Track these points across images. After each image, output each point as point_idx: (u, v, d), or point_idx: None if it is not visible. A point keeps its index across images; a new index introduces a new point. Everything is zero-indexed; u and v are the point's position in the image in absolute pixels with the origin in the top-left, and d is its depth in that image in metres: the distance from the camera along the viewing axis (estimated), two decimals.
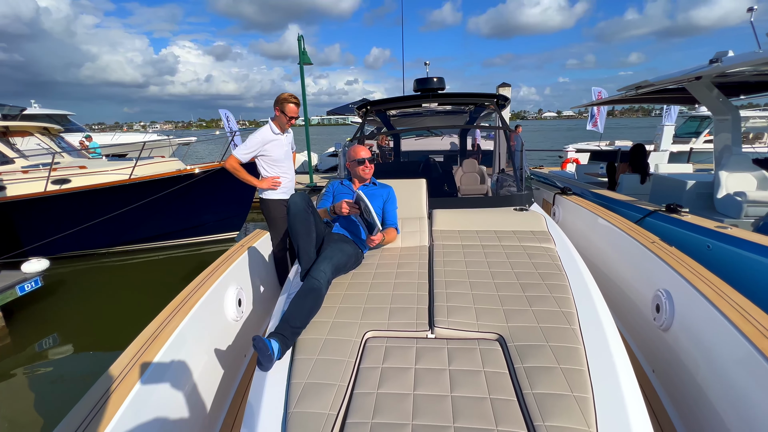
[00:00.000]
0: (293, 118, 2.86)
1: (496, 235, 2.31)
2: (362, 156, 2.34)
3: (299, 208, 1.82)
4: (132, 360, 1.44)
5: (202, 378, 1.73)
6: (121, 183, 6.13)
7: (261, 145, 2.84)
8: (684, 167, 7.16)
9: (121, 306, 5.24)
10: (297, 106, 2.84)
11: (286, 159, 2.99)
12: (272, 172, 2.95)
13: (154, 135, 14.44)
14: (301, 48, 9.15)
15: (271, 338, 1.39)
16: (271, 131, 2.87)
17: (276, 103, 2.84)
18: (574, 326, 1.43)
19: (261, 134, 2.85)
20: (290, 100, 2.80)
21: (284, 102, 2.79)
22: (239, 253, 2.46)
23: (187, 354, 1.65)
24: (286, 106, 2.79)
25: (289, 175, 3.03)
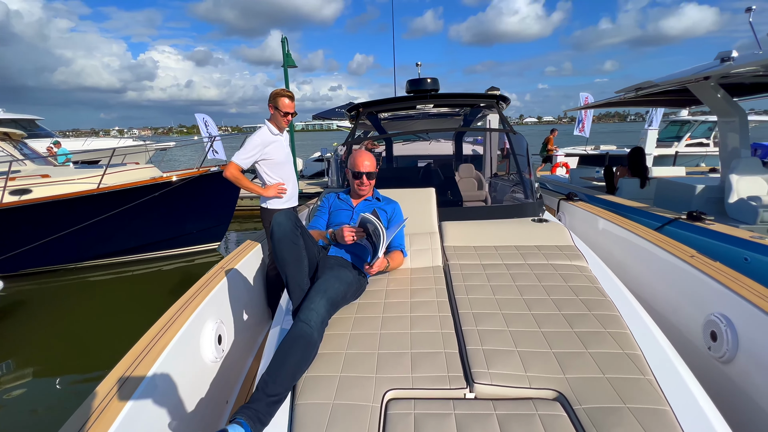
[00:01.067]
0: (289, 114, 2.57)
1: (518, 252, 2.01)
2: (361, 169, 1.97)
3: (285, 230, 1.47)
4: (91, 417, 1.06)
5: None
6: (87, 193, 5.60)
7: (262, 148, 2.53)
8: (677, 170, 7.10)
9: (89, 327, 4.71)
10: (291, 100, 2.56)
11: (288, 162, 2.69)
12: (275, 177, 2.63)
13: (129, 140, 13.71)
14: (285, 50, 8.78)
15: (237, 421, 1.01)
16: (270, 132, 2.58)
17: (269, 100, 2.57)
18: (648, 376, 1.13)
19: (260, 136, 2.55)
20: (283, 94, 2.54)
21: (277, 97, 2.53)
22: (218, 278, 2.07)
23: (154, 409, 1.27)
24: (279, 101, 2.52)
25: (292, 181, 2.73)
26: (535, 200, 2.83)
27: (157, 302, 5.25)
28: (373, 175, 2.00)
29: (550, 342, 1.29)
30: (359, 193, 2.04)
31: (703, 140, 12.73)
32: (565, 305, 1.51)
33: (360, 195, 2.04)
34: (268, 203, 2.65)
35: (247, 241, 2.74)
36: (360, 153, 2.02)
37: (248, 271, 2.46)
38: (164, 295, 5.49)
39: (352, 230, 1.71)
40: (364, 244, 1.81)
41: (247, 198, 9.53)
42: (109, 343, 4.26)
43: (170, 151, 11.87)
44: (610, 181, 5.33)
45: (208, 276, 2.09)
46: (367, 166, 1.97)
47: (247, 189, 2.64)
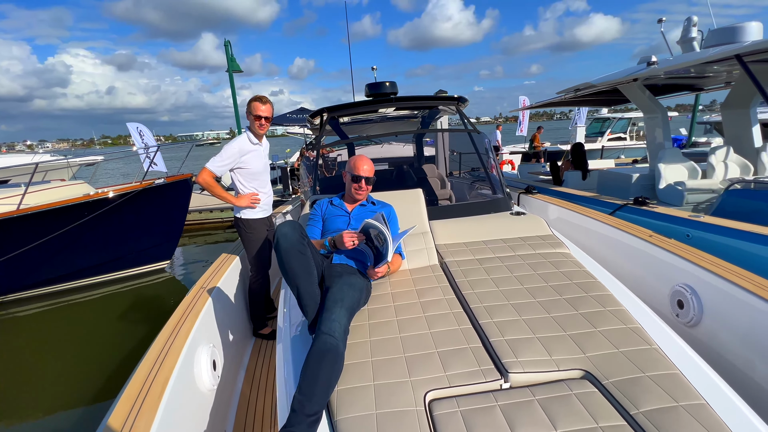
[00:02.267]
0: (262, 117, 2.44)
1: (506, 244, 2.11)
2: (360, 173, 1.94)
3: (292, 241, 1.40)
4: None
5: None
6: (5, 216, 4.86)
7: (239, 156, 2.41)
8: (607, 162, 7.91)
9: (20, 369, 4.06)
10: (264, 103, 2.44)
11: (265, 172, 2.59)
12: (250, 187, 2.51)
13: (47, 155, 12.09)
14: (229, 54, 8.36)
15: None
16: (249, 141, 2.47)
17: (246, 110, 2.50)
18: (653, 346, 1.25)
19: (238, 144, 2.43)
20: (254, 98, 2.44)
21: (250, 103, 2.45)
22: (202, 298, 1.91)
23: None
24: (252, 106, 2.43)
25: (266, 190, 2.62)
26: (506, 195, 2.98)
27: (102, 332, 4.70)
28: (372, 180, 1.98)
29: (562, 325, 1.37)
30: (355, 198, 2.00)
31: (621, 134, 14.35)
32: (564, 290, 1.61)
33: (356, 199, 2.01)
34: (242, 213, 2.53)
35: (223, 254, 2.57)
36: (360, 157, 1.99)
37: (230, 286, 2.31)
38: (110, 324, 4.92)
39: (353, 235, 1.67)
40: (362, 248, 1.78)
41: (195, 211, 8.89)
42: (39, 383, 3.73)
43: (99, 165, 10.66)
44: (556, 174, 5.79)
45: (191, 297, 1.93)
46: (367, 171, 1.95)
47: (220, 197, 2.48)
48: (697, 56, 3.42)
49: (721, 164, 4.10)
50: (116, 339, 4.51)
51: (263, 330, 2.69)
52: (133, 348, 4.22)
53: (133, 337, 4.50)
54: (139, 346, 4.25)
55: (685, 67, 3.61)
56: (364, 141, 10.99)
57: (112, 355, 4.09)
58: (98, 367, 3.87)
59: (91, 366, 3.93)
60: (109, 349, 4.26)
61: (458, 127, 6.84)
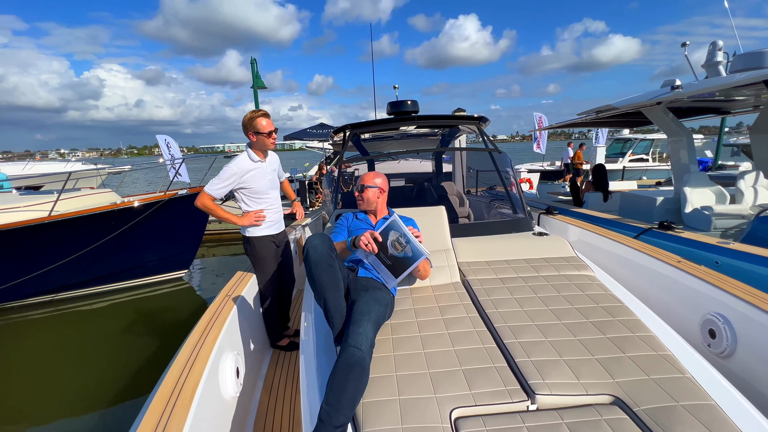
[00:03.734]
0: (273, 132, 2.38)
1: (529, 265, 2.09)
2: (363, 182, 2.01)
3: (321, 253, 1.42)
4: None
5: None
6: (37, 222, 5.08)
7: (238, 177, 2.36)
8: (629, 184, 7.77)
9: (30, 376, 4.15)
10: (268, 118, 2.37)
11: (271, 189, 2.53)
12: (254, 206, 2.47)
13: (78, 164, 12.68)
14: (254, 71, 8.70)
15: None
16: (250, 159, 2.41)
17: (245, 128, 2.37)
18: (686, 374, 1.21)
19: (237, 164, 2.36)
20: (256, 115, 2.34)
21: (252, 121, 2.34)
22: (227, 307, 1.95)
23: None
24: (256, 123, 2.33)
25: (275, 207, 2.57)
26: (527, 215, 2.97)
27: (120, 338, 4.78)
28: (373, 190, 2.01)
29: (589, 349, 1.34)
30: (362, 208, 2.06)
31: (643, 156, 14.11)
32: (590, 313, 1.58)
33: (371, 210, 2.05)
34: (248, 231, 2.48)
35: (238, 272, 2.63)
36: (368, 173, 2.08)
37: (252, 297, 2.35)
38: (128, 330, 5.02)
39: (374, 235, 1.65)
40: (373, 263, 1.76)
41: (215, 222, 9.09)
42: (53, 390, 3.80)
43: (126, 174, 11.12)
44: (577, 195, 5.72)
45: (216, 305, 1.98)
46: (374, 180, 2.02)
47: (221, 218, 2.44)
48: (725, 81, 3.38)
49: (750, 189, 3.98)
50: (135, 345, 4.59)
51: (280, 342, 2.71)
52: (151, 354, 4.28)
53: (151, 344, 4.58)
54: (158, 353, 4.31)
55: (712, 91, 3.57)
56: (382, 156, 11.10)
57: (131, 361, 4.16)
58: (117, 372, 3.93)
59: (110, 371, 4.01)
60: (128, 354, 4.33)
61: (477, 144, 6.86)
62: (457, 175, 6.50)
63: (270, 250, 2.52)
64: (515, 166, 14.76)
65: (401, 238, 1.59)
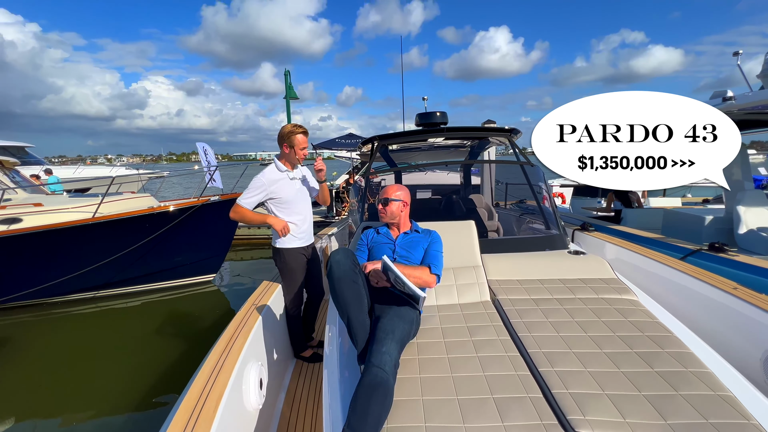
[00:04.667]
0: (305, 148, 2.45)
1: (564, 285, 1.96)
2: (386, 195, 1.96)
3: (345, 269, 1.39)
4: None
5: None
6: (82, 223, 5.39)
7: (267, 187, 2.41)
8: (673, 201, 7.31)
9: (69, 370, 4.34)
10: (305, 135, 2.44)
11: (300, 200, 2.52)
12: (284, 217, 2.48)
13: (122, 169, 13.49)
14: (288, 83, 8.97)
15: None
16: (277, 170, 2.46)
17: (281, 139, 2.44)
18: (752, 421, 1.06)
19: (265, 175, 2.43)
20: (297, 131, 2.40)
21: (290, 135, 2.39)
22: (252, 317, 1.95)
23: None
24: (294, 139, 2.39)
25: (302, 216, 2.54)
26: (562, 231, 2.82)
27: (145, 343, 4.93)
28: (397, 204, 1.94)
29: (635, 383, 1.22)
30: (383, 220, 2.00)
31: None
32: (635, 342, 1.44)
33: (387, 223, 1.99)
34: (280, 242, 2.49)
35: (264, 282, 2.64)
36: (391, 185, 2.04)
37: (276, 308, 2.35)
38: (157, 331, 5.18)
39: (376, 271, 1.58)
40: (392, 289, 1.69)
41: (244, 227, 9.33)
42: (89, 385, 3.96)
43: (163, 180, 11.70)
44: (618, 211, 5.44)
45: (242, 315, 1.99)
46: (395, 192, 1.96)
47: (256, 222, 2.47)
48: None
49: None
50: (163, 346, 4.72)
51: (304, 353, 2.68)
52: (178, 356, 4.38)
53: (178, 345, 4.69)
54: (184, 355, 4.41)
55: None
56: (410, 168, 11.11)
57: (160, 362, 4.27)
58: (145, 373, 4.04)
59: (139, 371, 4.13)
60: (157, 355, 4.46)
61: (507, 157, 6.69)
62: (486, 188, 6.36)
63: (299, 261, 2.51)
64: (547, 180, 14.27)
65: (398, 280, 1.49)
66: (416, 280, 1.67)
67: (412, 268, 1.67)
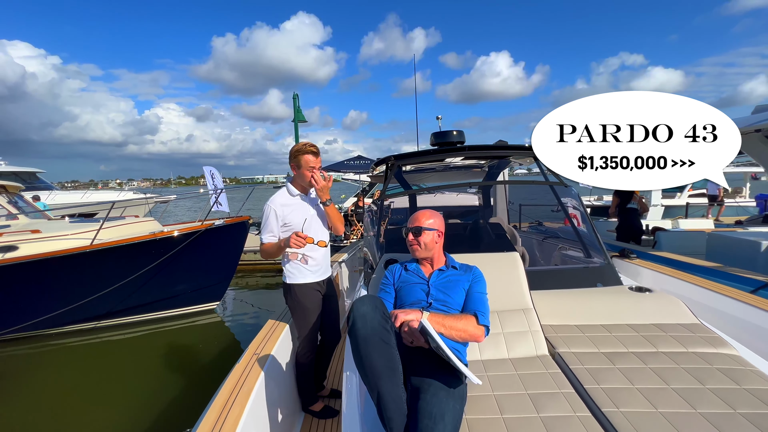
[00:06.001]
0: (314, 168, 2.08)
1: (638, 334, 1.57)
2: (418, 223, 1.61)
3: (373, 325, 1.05)
4: None
5: None
6: (79, 250, 5.12)
7: (278, 211, 2.09)
8: (704, 223, 6.86)
9: (60, 409, 3.94)
10: (315, 156, 2.09)
11: (314, 227, 2.16)
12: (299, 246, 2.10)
13: (130, 193, 13.42)
14: (296, 106, 8.87)
15: None
16: (288, 193, 2.16)
17: (290, 158, 2.13)
18: None
19: (275, 200, 2.11)
20: (305, 150, 2.08)
21: (298, 154, 2.08)
22: (256, 369, 1.60)
23: None
24: (302, 159, 2.07)
25: (321, 250, 2.19)
26: (610, 262, 2.43)
27: (141, 378, 4.53)
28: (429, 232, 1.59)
29: None
30: (413, 255, 1.65)
31: (704, 191, 12.80)
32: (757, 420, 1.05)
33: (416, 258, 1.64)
34: (290, 277, 2.14)
35: (269, 321, 2.29)
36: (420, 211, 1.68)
37: (280, 356, 2.00)
38: (151, 369, 4.78)
39: (411, 329, 1.20)
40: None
41: (250, 251, 9.02)
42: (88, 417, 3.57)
43: (168, 204, 11.57)
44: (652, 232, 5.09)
45: (241, 369, 1.64)
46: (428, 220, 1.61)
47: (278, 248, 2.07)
48: None
49: None
50: (160, 384, 4.32)
51: (313, 406, 2.28)
52: (176, 395, 3.98)
53: (176, 382, 4.29)
54: (183, 393, 4.01)
55: None
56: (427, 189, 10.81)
57: (156, 400, 3.88)
58: (139, 413, 3.65)
59: (133, 410, 3.73)
60: (153, 393, 4.06)
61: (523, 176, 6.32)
62: (500, 210, 6.01)
63: (313, 299, 2.16)
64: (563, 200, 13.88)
65: (441, 351, 1.10)
66: (460, 335, 1.30)
67: (453, 319, 1.31)
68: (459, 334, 1.30)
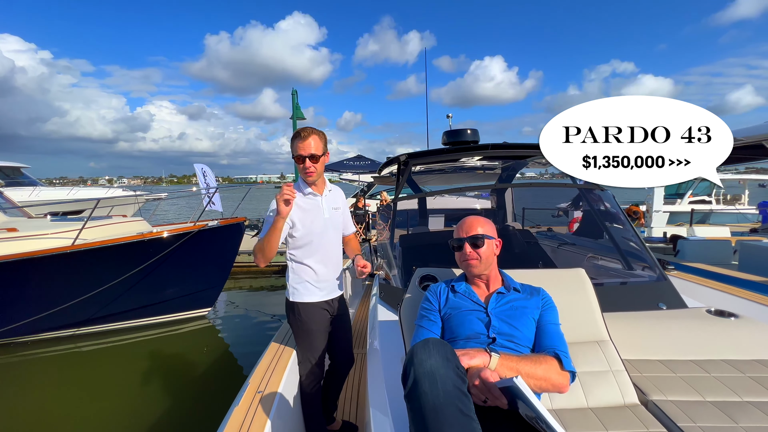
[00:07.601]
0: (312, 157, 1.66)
1: (745, 375, 1.26)
2: (461, 234, 1.29)
3: (446, 389, 0.74)
4: None
5: None
6: (59, 251, 4.69)
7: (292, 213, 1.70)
8: (720, 230, 6.65)
9: (38, 419, 3.54)
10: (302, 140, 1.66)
11: (320, 232, 1.78)
12: (302, 257, 1.78)
13: (119, 190, 12.89)
14: (294, 102, 8.53)
15: None
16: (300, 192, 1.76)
17: None
18: None
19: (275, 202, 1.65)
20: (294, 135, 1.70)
21: (292, 141, 1.71)
22: (261, 411, 1.26)
23: None
24: (295, 146, 1.68)
25: (324, 255, 1.81)
26: (667, 277, 2.12)
27: (125, 393, 4.12)
28: (489, 240, 1.27)
29: None
30: (465, 270, 1.32)
31: (705, 197, 12.70)
32: None
33: (468, 275, 1.31)
34: (294, 295, 1.79)
35: (272, 345, 1.96)
36: (468, 219, 1.34)
37: (288, 383, 1.64)
38: (136, 382, 4.36)
39: (480, 377, 0.87)
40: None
41: (245, 254, 8.62)
42: None
43: (159, 202, 11.09)
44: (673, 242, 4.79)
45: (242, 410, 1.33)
46: (477, 228, 1.29)
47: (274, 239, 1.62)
48: None
49: None
50: (146, 399, 3.91)
51: None
52: (163, 412, 3.58)
53: (164, 398, 3.88)
54: (171, 409, 3.61)
55: None
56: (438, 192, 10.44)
57: (142, 417, 3.48)
58: None
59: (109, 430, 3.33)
60: (140, 409, 3.66)
61: None
62: (509, 214, 5.73)
63: (320, 320, 1.81)
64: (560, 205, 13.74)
65: (530, 414, 0.79)
66: (540, 384, 0.98)
67: (531, 363, 0.98)
68: (538, 384, 0.97)
